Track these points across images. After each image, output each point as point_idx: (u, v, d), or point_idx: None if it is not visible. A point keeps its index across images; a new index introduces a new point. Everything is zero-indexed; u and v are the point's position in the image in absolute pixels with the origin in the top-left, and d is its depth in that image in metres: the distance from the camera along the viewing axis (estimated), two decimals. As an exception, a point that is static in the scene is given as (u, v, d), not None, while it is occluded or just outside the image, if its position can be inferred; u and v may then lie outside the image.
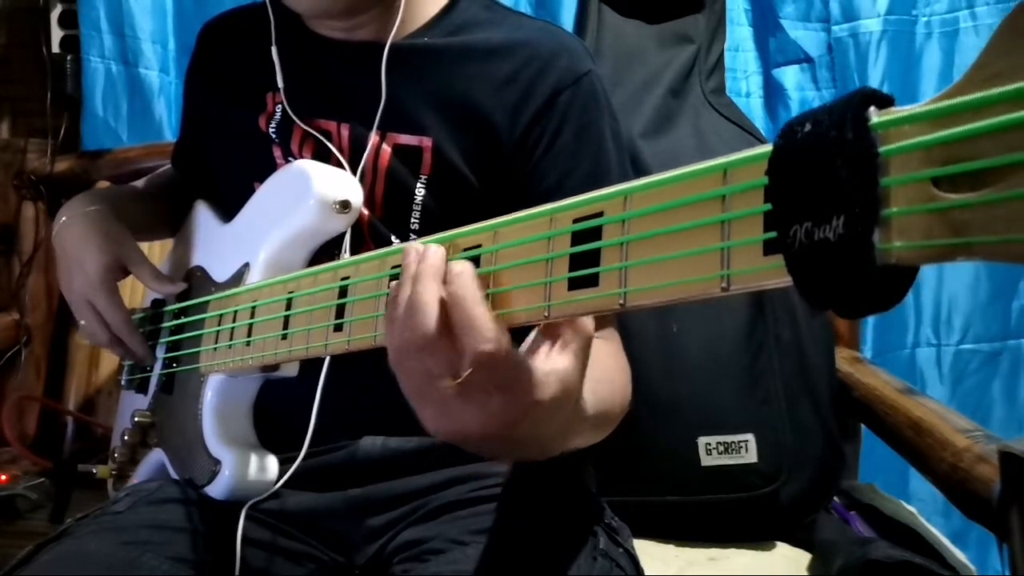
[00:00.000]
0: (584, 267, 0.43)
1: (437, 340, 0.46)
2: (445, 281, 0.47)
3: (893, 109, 0.30)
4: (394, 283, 0.50)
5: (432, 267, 0.48)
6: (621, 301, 0.40)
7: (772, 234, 0.33)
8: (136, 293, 1.06)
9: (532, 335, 0.50)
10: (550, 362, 0.49)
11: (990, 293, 1.42)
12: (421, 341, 0.47)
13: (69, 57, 1.54)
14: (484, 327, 0.45)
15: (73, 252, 0.87)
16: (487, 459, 0.78)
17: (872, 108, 0.30)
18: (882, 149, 0.29)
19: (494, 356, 0.45)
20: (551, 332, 0.49)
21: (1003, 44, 0.26)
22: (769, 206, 0.33)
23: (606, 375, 0.69)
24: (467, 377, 0.46)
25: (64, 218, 0.89)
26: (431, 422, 0.50)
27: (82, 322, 0.89)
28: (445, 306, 0.47)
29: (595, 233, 0.43)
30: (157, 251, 1.20)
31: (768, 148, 0.33)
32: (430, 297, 0.47)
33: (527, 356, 0.48)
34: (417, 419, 0.78)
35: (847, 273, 0.29)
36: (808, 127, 0.31)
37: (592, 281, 0.42)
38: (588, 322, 0.49)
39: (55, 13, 1.55)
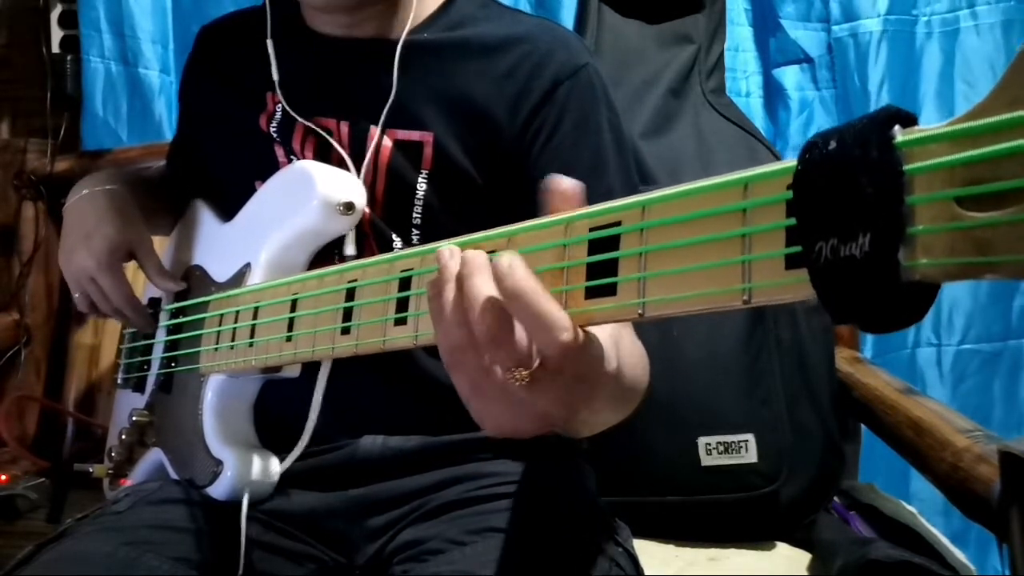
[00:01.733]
0: (601, 276, 0.43)
1: (499, 334, 0.44)
2: (496, 277, 0.44)
3: (917, 128, 0.30)
4: (429, 281, 0.48)
5: (478, 265, 0.45)
6: (640, 311, 0.40)
7: (795, 248, 0.33)
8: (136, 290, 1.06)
9: None
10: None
11: (990, 293, 1.42)
12: (484, 337, 0.44)
13: (69, 57, 1.54)
14: (558, 317, 0.42)
15: (85, 226, 0.87)
16: (489, 458, 0.78)
17: (897, 127, 0.30)
18: (907, 168, 0.29)
19: (573, 346, 0.43)
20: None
21: None
22: (792, 221, 0.33)
23: (631, 353, 0.68)
24: (541, 366, 0.44)
25: (85, 191, 0.90)
26: (496, 418, 0.48)
27: (76, 295, 0.90)
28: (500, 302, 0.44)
29: (612, 242, 0.42)
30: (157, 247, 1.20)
31: (789, 164, 0.34)
32: (485, 292, 0.44)
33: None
34: (417, 419, 0.78)
35: (872, 289, 0.30)
36: (833, 145, 0.31)
37: (610, 291, 0.42)
38: None
39: (55, 13, 1.55)
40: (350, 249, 0.77)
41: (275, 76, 0.84)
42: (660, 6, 1.36)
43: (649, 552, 1.04)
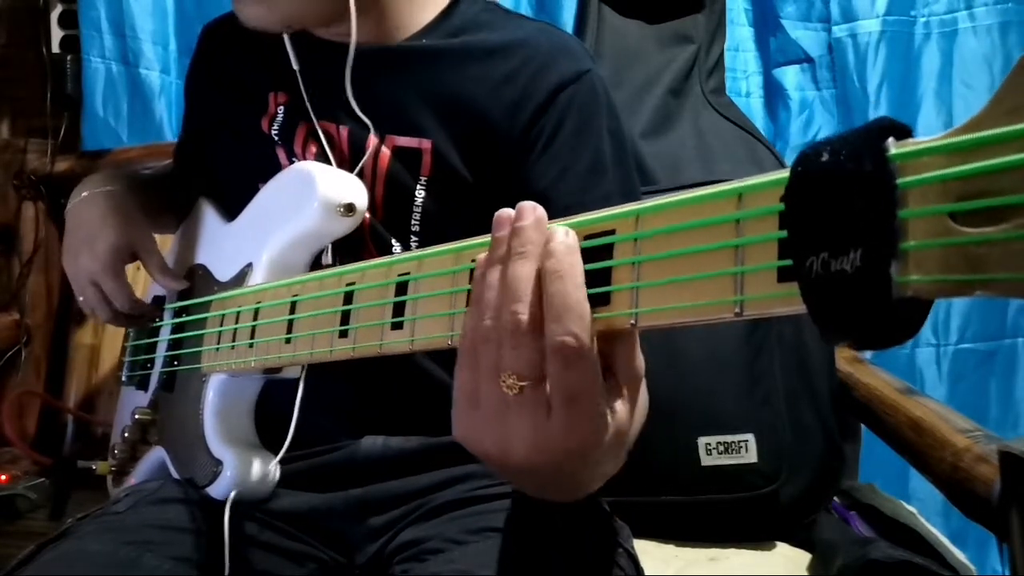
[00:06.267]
0: (595, 285, 0.42)
1: (527, 331, 0.41)
2: (545, 252, 0.42)
3: (910, 141, 0.29)
4: (482, 257, 0.45)
5: (535, 244, 0.42)
6: (632, 321, 0.40)
7: (787, 262, 0.32)
8: (139, 289, 1.06)
9: None
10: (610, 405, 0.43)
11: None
12: (511, 328, 0.41)
13: (69, 57, 1.54)
14: (580, 313, 0.40)
15: (87, 228, 0.87)
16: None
17: (890, 139, 0.30)
18: (900, 181, 0.29)
19: (579, 351, 0.40)
20: (605, 373, 0.43)
21: (1022, 78, 0.26)
22: (784, 233, 0.33)
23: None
24: (538, 386, 0.41)
25: (85, 193, 0.90)
26: (469, 427, 0.45)
27: (80, 298, 0.90)
28: (539, 285, 0.41)
29: (606, 251, 0.42)
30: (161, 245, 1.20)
31: (783, 174, 0.33)
32: (529, 281, 0.42)
33: None
34: (417, 419, 0.79)
35: (864, 305, 0.29)
36: (825, 156, 0.31)
37: (604, 300, 0.42)
38: (642, 363, 0.45)
39: (55, 13, 1.55)
40: (327, 259, 0.77)
41: (295, 65, 0.82)
42: (660, 6, 1.36)
43: (649, 552, 1.03)
